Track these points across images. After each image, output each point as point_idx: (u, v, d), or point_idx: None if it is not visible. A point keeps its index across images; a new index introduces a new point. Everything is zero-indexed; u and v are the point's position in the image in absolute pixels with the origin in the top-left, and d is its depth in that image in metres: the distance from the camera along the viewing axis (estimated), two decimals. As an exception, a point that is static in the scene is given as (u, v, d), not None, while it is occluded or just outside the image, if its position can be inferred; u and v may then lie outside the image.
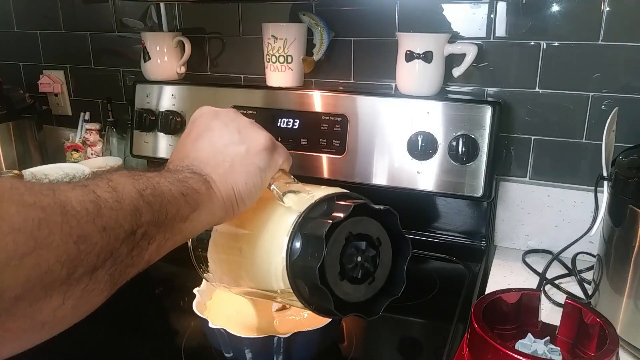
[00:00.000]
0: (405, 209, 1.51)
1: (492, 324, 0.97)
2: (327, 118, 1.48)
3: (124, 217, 0.57)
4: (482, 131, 1.33)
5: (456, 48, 1.40)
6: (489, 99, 1.45)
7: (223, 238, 0.86)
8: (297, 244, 0.73)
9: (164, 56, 1.76)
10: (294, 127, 1.51)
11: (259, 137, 0.77)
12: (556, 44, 1.36)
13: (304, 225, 0.73)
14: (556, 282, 1.33)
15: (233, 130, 0.76)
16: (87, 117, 2.08)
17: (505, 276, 1.39)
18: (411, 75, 1.42)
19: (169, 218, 0.63)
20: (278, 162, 0.79)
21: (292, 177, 0.81)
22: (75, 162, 1.92)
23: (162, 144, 1.72)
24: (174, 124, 1.66)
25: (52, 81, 2.13)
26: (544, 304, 1.22)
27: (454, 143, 1.34)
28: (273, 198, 0.80)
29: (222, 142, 0.75)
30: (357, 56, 1.59)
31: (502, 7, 1.39)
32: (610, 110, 1.27)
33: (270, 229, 0.77)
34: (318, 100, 1.50)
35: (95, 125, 2.00)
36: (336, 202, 0.76)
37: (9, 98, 1.94)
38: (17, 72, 2.24)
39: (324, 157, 1.47)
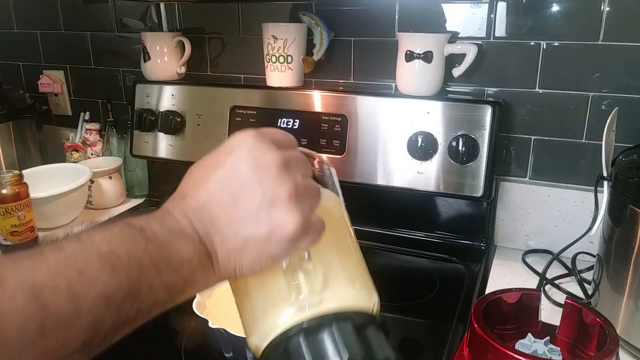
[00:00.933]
0: (405, 209, 1.54)
1: (492, 324, 0.98)
2: (327, 118, 1.49)
3: (77, 333, 0.49)
4: (482, 131, 1.33)
5: (456, 48, 1.40)
6: (489, 99, 1.45)
7: None
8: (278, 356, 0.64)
9: (164, 56, 1.76)
10: (294, 127, 1.51)
11: (289, 222, 0.60)
12: (556, 44, 1.36)
13: (293, 340, 0.64)
14: (556, 282, 1.33)
15: (266, 199, 0.60)
16: (87, 117, 2.08)
17: (505, 276, 1.39)
18: (411, 75, 1.42)
19: (142, 312, 0.56)
20: (299, 248, 0.64)
21: (307, 251, 0.67)
22: (75, 162, 1.92)
23: (162, 144, 1.72)
24: (174, 124, 1.66)
25: (52, 81, 2.12)
26: (544, 304, 1.22)
27: (454, 143, 1.34)
28: None
29: (246, 211, 0.60)
30: (357, 56, 1.60)
31: (502, 7, 1.40)
32: (610, 110, 1.28)
33: (267, 302, 0.67)
34: (318, 101, 1.50)
35: (95, 125, 2.00)
36: (340, 334, 0.65)
37: (9, 98, 1.94)
38: (17, 72, 2.24)
39: (324, 157, 1.47)
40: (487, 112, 1.33)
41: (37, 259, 0.50)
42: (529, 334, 0.99)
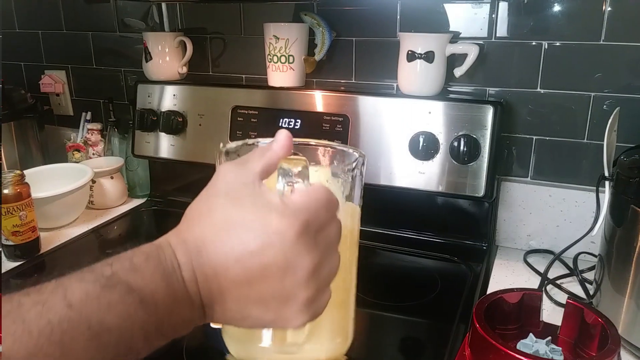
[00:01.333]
0: (407, 209, 1.55)
1: (494, 324, 0.98)
2: (328, 118, 1.49)
3: None
4: (483, 131, 1.33)
5: (458, 48, 1.41)
6: (491, 99, 1.46)
7: None
8: None
9: (165, 56, 1.76)
10: (296, 127, 1.52)
11: (296, 322, 0.58)
12: (558, 44, 1.37)
13: None
14: (558, 282, 1.34)
15: (282, 296, 0.57)
16: (88, 117, 2.09)
17: (506, 276, 1.39)
18: (413, 75, 1.42)
19: None
20: None
21: None
22: (77, 162, 1.93)
23: (164, 144, 1.73)
24: (175, 124, 1.67)
25: (54, 81, 2.13)
26: (546, 304, 1.23)
27: (456, 143, 1.35)
28: None
29: (257, 297, 0.56)
30: (358, 56, 1.60)
31: (503, 7, 1.40)
32: (611, 110, 1.28)
33: None
34: (320, 101, 1.51)
35: (96, 125, 2.01)
36: None
37: (10, 98, 1.95)
38: (18, 72, 2.25)
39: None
40: (489, 112, 1.33)
41: (19, 327, 0.46)
42: (531, 334, 1.00)
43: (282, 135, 0.62)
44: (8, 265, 1.48)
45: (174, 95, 1.70)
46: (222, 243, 0.55)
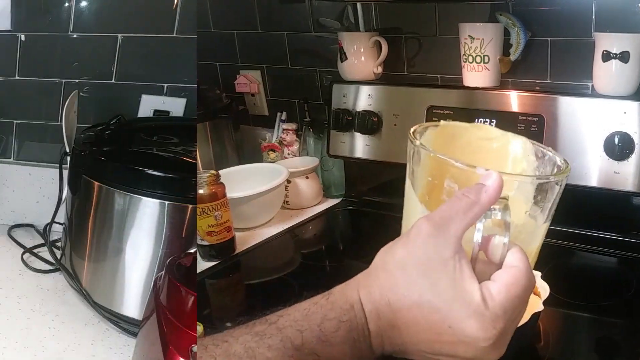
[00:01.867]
0: (602, 209, 1.74)
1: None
2: (523, 118, 1.65)
3: None
4: (679, 130, 1.51)
5: (653, 48, 1.59)
6: (687, 98, 1.59)
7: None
8: None
9: (360, 56, 1.98)
10: (491, 126, 1.59)
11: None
12: None
13: None
14: None
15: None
16: (283, 117, 2.34)
17: None
18: (608, 75, 1.57)
19: None
20: None
21: None
22: (272, 162, 2.18)
23: (359, 144, 1.95)
24: (370, 124, 1.88)
25: (249, 81, 2.41)
26: None
27: (652, 143, 1.52)
28: None
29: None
30: (553, 56, 1.75)
31: (701, 6, 1.55)
32: None
33: None
34: (515, 101, 1.68)
35: (292, 125, 2.25)
36: None
37: (205, 98, 2.18)
38: (214, 72, 2.55)
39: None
40: (684, 112, 1.50)
41: None
42: None
43: (494, 184, 0.63)
44: (203, 265, 1.66)
45: (369, 95, 1.92)
46: (415, 326, 0.62)
